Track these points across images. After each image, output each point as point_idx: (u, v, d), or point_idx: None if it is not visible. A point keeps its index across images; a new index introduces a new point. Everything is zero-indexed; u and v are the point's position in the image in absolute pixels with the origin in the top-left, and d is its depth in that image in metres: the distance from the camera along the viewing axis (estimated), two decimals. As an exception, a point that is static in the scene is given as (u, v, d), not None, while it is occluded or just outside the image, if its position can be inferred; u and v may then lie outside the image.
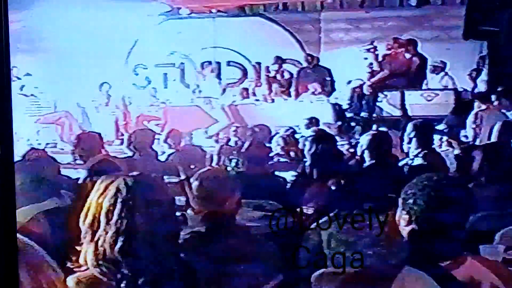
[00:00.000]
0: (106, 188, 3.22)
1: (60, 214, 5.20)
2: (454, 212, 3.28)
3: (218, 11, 17.44)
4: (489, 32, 12.61)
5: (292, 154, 8.85)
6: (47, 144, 15.44)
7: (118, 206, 3.14)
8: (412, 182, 3.34)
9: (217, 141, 13.54)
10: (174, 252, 3.30)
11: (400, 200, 3.39)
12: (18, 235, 2.13)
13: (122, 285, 3.09)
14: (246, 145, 7.57)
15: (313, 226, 4.82)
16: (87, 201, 3.24)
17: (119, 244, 3.09)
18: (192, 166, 7.83)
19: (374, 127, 12.37)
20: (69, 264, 3.16)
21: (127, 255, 3.10)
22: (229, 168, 7.22)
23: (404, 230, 3.33)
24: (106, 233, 3.12)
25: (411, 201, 3.28)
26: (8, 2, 1.95)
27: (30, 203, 5.37)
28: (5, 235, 1.93)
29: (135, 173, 3.35)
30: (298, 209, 5.88)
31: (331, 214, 4.76)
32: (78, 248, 3.17)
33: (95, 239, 3.14)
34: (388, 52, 14.88)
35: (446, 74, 15.14)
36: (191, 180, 4.54)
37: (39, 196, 5.51)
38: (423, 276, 3.14)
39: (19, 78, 16.69)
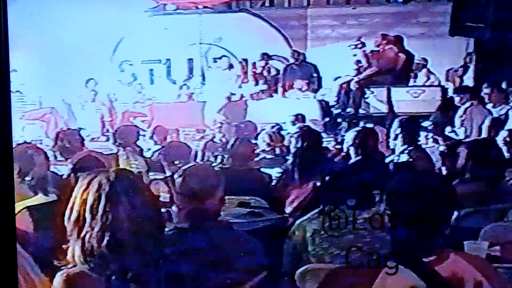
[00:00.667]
0: (89, 184, 3.21)
1: (45, 211, 5.19)
2: (437, 209, 3.27)
3: (205, 7, 17.40)
4: (475, 28, 12.61)
5: (277, 150, 8.84)
6: (32, 140, 15.37)
7: (102, 201, 3.13)
8: (395, 178, 3.34)
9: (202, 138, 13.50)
10: (159, 247, 3.29)
11: (384, 197, 3.38)
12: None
13: (112, 280, 3.07)
14: (231, 141, 7.53)
15: (297, 222, 4.82)
16: (71, 198, 3.23)
17: (106, 239, 3.09)
18: (176, 162, 7.80)
19: (361, 123, 12.37)
20: (56, 262, 3.15)
21: (115, 250, 3.08)
22: (214, 164, 7.23)
23: (388, 226, 3.32)
24: (92, 228, 3.11)
25: (394, 197, 3.27)
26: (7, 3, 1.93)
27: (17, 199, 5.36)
28: (4, 236, 1.92)
29: (115, 168, 3.33)
30: (282, 206, 5.87)
31: (316, 211, 4.76)
32: (64, 246, 3.16)
33: (82, 235, 3.12)
34: (376, 48, 14.86)
35: (428, 70, 15.16)
36: (175, 176, 4.52)
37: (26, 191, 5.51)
38: (407, 272, 3.13)
39: (4, 75, 16.63)
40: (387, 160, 7.65)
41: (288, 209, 5.69)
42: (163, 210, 4.39)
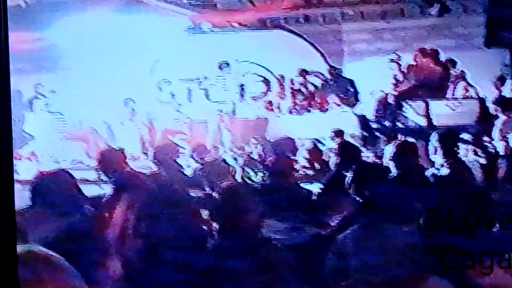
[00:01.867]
0: (131, 201, 3.25)
1: (86, 229, 5.26)
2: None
3: (239, 24, 17.49)
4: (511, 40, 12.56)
5: (317, 166, 8.85)
6: (73, 160, 15.54)
7: (144, 218, 3.17)
8: (438, 193, 3.34)
9: (240, 155, 13.52)
10: (200, 263, 3.32)
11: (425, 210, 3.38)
12: (42, 248, 2.14)
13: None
14: (270, 158, 7.56)
15: (339, 236, 4.82)
16: (114, 215, 3.27)
17: (147, 255, 3.13)
18: (216, 180, 7.83)
19: (399, 137, 12.32)
20: (98, 277, 3.20)
21: (156, 265, 3.12)
22: (254, 180, 7.25)
23: (430, 239, 3.32)
24: (134, 245, 3.15)
25: (437, 211, 3.27)
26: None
27: (53, 218, 5.45)
28: (4, 238, 1.94)
29: (159, 187, 3.37)
30: (323, 220, 5.88)
31: (357, 225, 4.76)
32: (107, 262, 3.20)
33: (123, 251, 3.17)
34: (413, 62, 14.83)
35: (467, 82, 15.09)
36: (215, 194, 4.55)
37: (61, 213, 5.58)
38: (449, 286, 3.13)
39: (44, 96, 16.84)
40: (427, 173, 7.61)
41: (328, 224, 5.69)
42: (204, 227, 4.42)
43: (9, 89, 2.06)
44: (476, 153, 10.50)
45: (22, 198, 10.94)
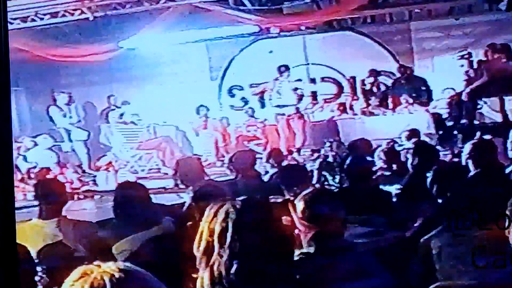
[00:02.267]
0: (215, 213, 3.26)
1: (168, 240, 5.31)
2: None
3: (307, 27, 17.50)
4: None
5: (394, 167, 8.77)
6: (150, 169, 15.72)
7: (230, 229, 3.18)
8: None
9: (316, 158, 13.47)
10: (288, 273, 3.32)
11: (508, 212, 3.33)
12: (128, 264, 2.18)
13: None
14: (347, 161, 7.52)
15: (422, 240, 4.78)
16: (199, 228, 3.29)
17: (234, 266, 3.13)
18: (294, 185, 7.82)
19: (477, 134, 12.16)
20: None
21: (243, 277, 3.13)
22: (332, 184, 7.23)
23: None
24: (221, 257, 3.16)
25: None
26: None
27: (133, 231, 5.52)
28: (4, 239, 1.97)
29: (242, 197, 3.38)
30: (404, 223, 5.84)
31: (440, 228, 4.72)
32: (194, 275, 3.22)
33: (210, 263, 3.18)
34: (484, 58, 14.62)
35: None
36: (296, 201, 4.55)
37: (142, 225, 5.66)
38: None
39: (118, 107, 17.08)
40: (507, 170, 7.49)
41: (410, 226, 5.65)
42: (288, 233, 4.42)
43: (9, 90, 2.08)
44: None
45: (101, 210, 11.13)
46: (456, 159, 10.05)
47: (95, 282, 2.04)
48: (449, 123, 14.48)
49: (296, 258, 4.03)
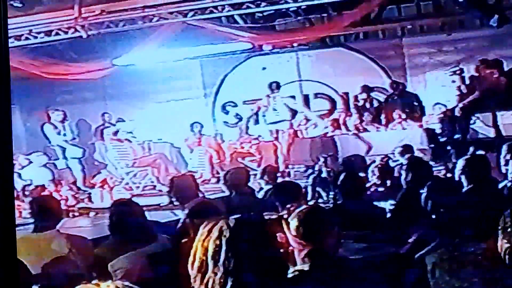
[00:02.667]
0: (210, 231, 3.27)
1: (163, 258, 5.33)
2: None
3: (300, 44, 17.54)
4: None
5: (388, 183, 8.81)
6: (145, 186, 15.72)
7: (224, 247, 3.19)
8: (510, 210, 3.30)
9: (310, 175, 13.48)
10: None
11: (499, 228, 3.36)
12: (123, 282, 2.20)
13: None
14: (341, 177, 7.54)
15: (416, 256, 4.81)
16: (193, 245, 3.30)
17: (229, 284, 3.14)
18: (288, 202, 7.83)
19: (471, 149, 12.19)
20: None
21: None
22: (326, 201, 7.24)
23: (506, 257, 3.29)
24: (215, 274, 3.17)
25: (510, 229, 3.24)
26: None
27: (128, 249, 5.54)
28: (4, 237, 1.99)
29: (235, 215, 3.40)
30: (399, 239, 5.85)
31: (433, 244, 4.74)
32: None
33: (205, 281, 3.19)
34: (476, 73, 14.69)
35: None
36: (290, 219, 4.56)
37: (137, 242, 5.67)
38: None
39: (112, 124, 17.09)
40: (500, 185, 7.52)
41: (405, 242, 5.67)
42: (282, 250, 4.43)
43: (9, 93, 2.11)
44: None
45: (97, 227, 11.14)
46: (449, 175, 10.08)
47: None
48: (442, 139, 14.52)
49: (290, 275, 4.05)
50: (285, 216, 4.74)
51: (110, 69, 16.57)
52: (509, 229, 3.24)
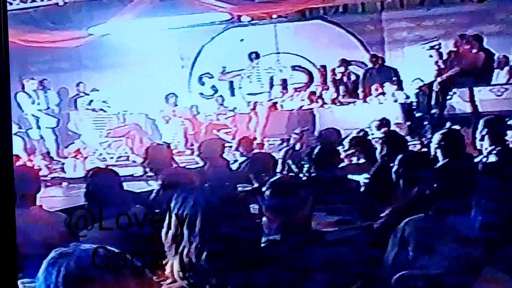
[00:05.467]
0: (184, 200, 3.23)
1: (137, 228, 5.27)
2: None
3: (278, 16, 17.47)
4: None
5: (363, 156, 8.76)
6: (119, 157, 15.65)
7: (199, 216, 3.15)
8: (481, 185, 3.28)
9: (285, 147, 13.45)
10: (257, 259, 3.29)
11: (473, 203, 3.34)
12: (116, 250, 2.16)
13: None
14: (316, 150, 7.49)
15: (390, 228, 4.77)
16: (167, 214, 3.26)
17: (205, 253, 3.10)
18: (262, 174, 7.81)
19: (448, 124, 12.19)
20: (155, 278, 3.18)
21: (213, 263, 3.10)
22: (300, 174, 7.21)
23: (480, 231, 3.27)
24: (191, 243, 3.13)
25: (483, 201, 3.22)
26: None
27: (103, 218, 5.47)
28: (4, 237, 1.94)
29: (209, 184, 3.36)
30: (373, 212, 5.83)
31: (408, 219, 4.70)
32: (163, 262, 3.19)
33: (179, 250, 3.15)
34: (454, 49, 14.67)
35: (511, 68, 14.92)
36: (263, 189, 4.53)
37: (111, 212, 5.61)
38: (504, 277, 3.08)
39: (86, 94, 16.97)
40: (476, 161, 7.51)
41: (379, 216, 5.63)
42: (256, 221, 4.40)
43: (9, 90, 2.05)
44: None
45: (70, 197, 11.06)
46: (425, 149, 10.07)
47: (81, 257, 2.03)
48: (419, 113, 14.53)
49: (262, 245, 4.02)
50: (259, 187, 4.72)
51: (85, 39, 16.42)
52: (481, 202, 3.21)
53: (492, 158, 7.48)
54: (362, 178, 7.43)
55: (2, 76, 2.04)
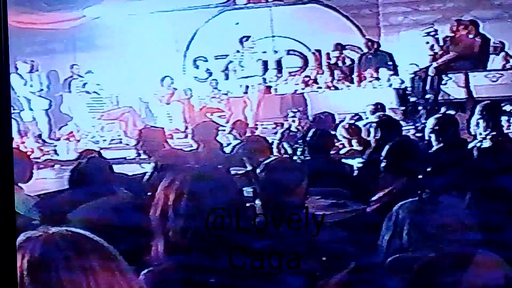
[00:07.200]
0: (172, 181, 3.21)
1: (127, 209, 5.24)
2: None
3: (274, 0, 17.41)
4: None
5: (355, 142, 8.76)
6: (112, 140, 15.60)
7: (185, 196, 3.13)
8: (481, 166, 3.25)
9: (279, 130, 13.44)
10: (246, 242, 3.27)
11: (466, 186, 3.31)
12: (86, 233, 2.11)
13: (194, 274, 3.07)
14: (310, 133, 7.47)
15: (384, 212, 4.75)
16: (156, 195, 3.24)
17: (189, 233, 3.08)
18: (256, 157, 7.79)
19: (442, 110, 12.19)
20: (143, 259, 3.16)
21: (198, 244, 3.08)
22: (295, 157, 7.19)
23: (473, 214, 3.25)
24: (176, 224, 3.11)
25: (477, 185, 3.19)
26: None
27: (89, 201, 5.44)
28: (4, 236, 1.91)
29: (199, 165, 3.33)
30: (367, 196, 5.81)
31: (402, 203, 4.69)
32: (151, 243, 3.17)
33: (165, 231, 3.13)
34: (451, 34, 14.63)
35: (507, 53, 14.90)
36: (257, 171, 4.50)
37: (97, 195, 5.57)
38: (498, 259, 3.05)
39: (80, 76, 16.89)
40: (470, 146, 7.51)
41: (372, 199, 5.61)
42: (247, 204, 4.37)
43: (9, 88, 2.01)
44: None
45: (63, 179, 11.01)
46: (419, 134, 10.08)
47: (47, 240, 1.97)
48: (413, 98, 14.51)
49: (255, 227, 3.99)
50: (252, 169, 4.69)
51: (80, 20, 16.35)
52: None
53: (487, 143, 7.49)
54: (356, 163, 7.43)
55: (2, 73, 2.01)
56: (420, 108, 13.91)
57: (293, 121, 12.88)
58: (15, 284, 1.89)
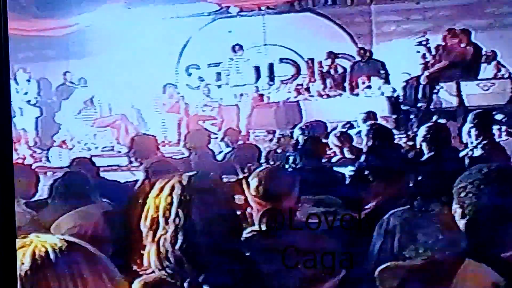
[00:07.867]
0: (162, 188, 3.21)
1: (118, 217, 5.24)
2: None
3: (267, 7, 17.42)
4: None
5: (346, 150, 8.78)
6: (104, 147, 15.58)
7: (175, 204, 3.12)
8: (463, 175, 3.25)
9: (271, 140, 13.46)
10: (236, 249, 3.27)
11: (454, 194, 3.31)
12: (72, 239, 2.11)
13: (185, 283, 3.06)
14: (302, 141, 7.50)
15: (375, 220, 4.77)
16: (146, 202, 3.23)
17: (179, 241, 3.07)
18: (249, 164, 7.81)
19: (434, 118, 12.21)
20: (134, 268, 3.16)
21: (188, 252, 3.08)
22: (286, 165, 7.21)
23: (460, 223, 3.25)
24: (166, 232, 3.10)
25: (463, 194, 3.19)
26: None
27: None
28: (5, 236, 1.91)
29: (191, 172, 3.32)
30: (358, 204, 5.82)
31: (393, 211, 4.70)
32: (141, 251, 3.17)
33: (156, 239, 3.13)
34: (443, 43, 14.67)
35: (498, 62, 14.95)
36: (249, 179, 4.50)
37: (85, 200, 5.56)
38: (485, 268, 3.06)
39: (73, 83, 16.88)
40: (461, 155, 7.53)
41: (364, 208, 5.63)
42: (238, 212, 4.37)
43: (9, 88, 2.02)
44: (509, 134, 10.39)
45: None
46: (411, 142, 10.09)
47: (37, 251, 1.96)
48: (405, 107, 14.52)
49: (247, 235, 4.00)
50: (245, 176, 4.69)
51: (74, 27, 16.33)
52: (461, 194, 3.18)
53: (478, 152, 7.51)
54: (347, 171, 7.44)
55: (2, 76, 2.01)
56: (412, 116, 13.93)
57: (286, 130, 12.88)
58: (15, 284, 1.89)
